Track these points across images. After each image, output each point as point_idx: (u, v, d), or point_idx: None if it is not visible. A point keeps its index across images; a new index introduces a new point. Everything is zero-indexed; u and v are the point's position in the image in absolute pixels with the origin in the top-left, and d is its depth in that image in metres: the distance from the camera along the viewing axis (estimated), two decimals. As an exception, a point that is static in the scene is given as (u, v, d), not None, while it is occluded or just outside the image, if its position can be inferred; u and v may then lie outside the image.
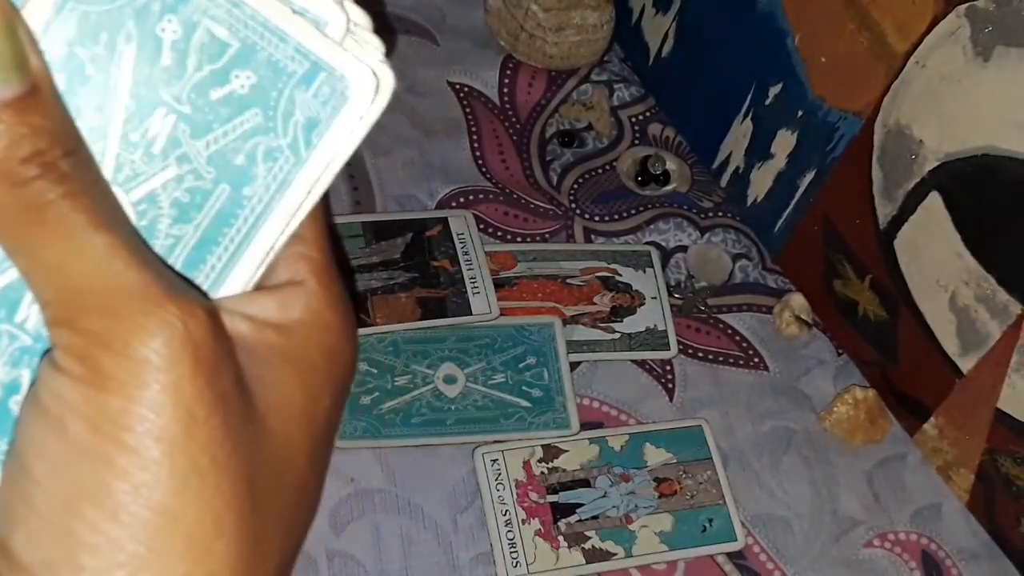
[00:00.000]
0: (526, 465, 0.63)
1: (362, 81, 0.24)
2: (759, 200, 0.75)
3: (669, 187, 0.77)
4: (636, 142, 0.79)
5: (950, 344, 0.64)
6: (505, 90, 0.79)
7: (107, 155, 0.24)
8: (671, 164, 0.78)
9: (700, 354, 0.70)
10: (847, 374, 0.71)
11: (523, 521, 0.61)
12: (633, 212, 0.76)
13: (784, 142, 0.71)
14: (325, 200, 0.26)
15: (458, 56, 0.79)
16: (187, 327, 0.22)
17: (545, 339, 0.68)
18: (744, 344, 0.72)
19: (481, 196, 0.74)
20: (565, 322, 0.69)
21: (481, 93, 0.79)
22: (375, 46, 0.25)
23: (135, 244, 0.23)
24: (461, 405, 0.65)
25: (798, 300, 0.73)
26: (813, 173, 0.69)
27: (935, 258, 0.63)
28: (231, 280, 0.26)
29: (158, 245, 0.25)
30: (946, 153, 0.60)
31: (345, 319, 0.27)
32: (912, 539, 0.66)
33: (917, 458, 0.69)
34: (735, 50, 0.73)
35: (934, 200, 0.62)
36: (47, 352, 0.23)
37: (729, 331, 0.72)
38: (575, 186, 0.76)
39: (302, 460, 0.26)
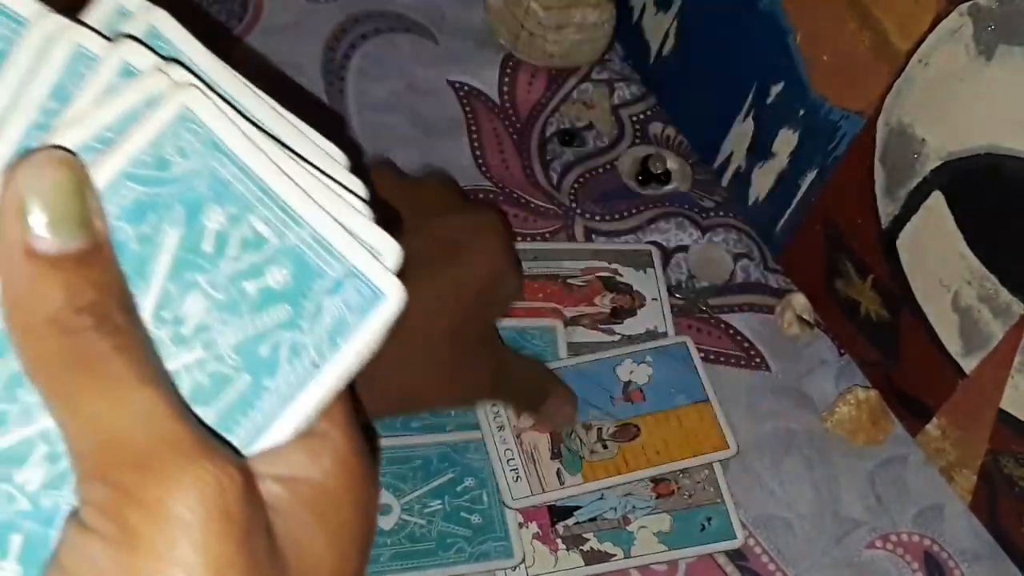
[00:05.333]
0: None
1: (392, 293, 0.26)
2: (760, 200, 0.74)
3: (670, 187, 0.77)
4: (637, 141, 0.79)
5: (953, 344, 0.64)
6: (505, 89, 0.79)
7: None
8: (672, 163, 0.77)
9: (701, 354, 0.70)
10: (849, 374, 0.71)
11: (520, 524, 0.61)
12: (634, 212, 0.75)
13: (786, 141, 0.70)
14: None
15: (458, 55, 0.79)
16: (221, 485, 0.22)
17: (547, 343, 0.67)
18: (745, 344, 0.71)
19: (481, 196, 0.74)
20: (565, 323, 0.68)
21: (481, 92, 0.78)
22: (392, 255, 0.26)
23: (175, 400, 0.23)
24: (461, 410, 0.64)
25: (800, 300, 0.72)
26: (815, 172, 0.69)
27: (938, 258, 0.63)
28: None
29: None
30: (949, 152, 0.60)
31: (371, 469, 0.27)
32: (914, 540, 0.66)
33: (919, 459, 0.69)
34: (736, 49, 0.72)
35: (937, 199, 0.62)
36: (71, 514, 0.23)
37: (730, 331, 0.72)
38: (575, 185, 0.76)
39: None
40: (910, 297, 0.65)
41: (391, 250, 0.26)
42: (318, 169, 0.26)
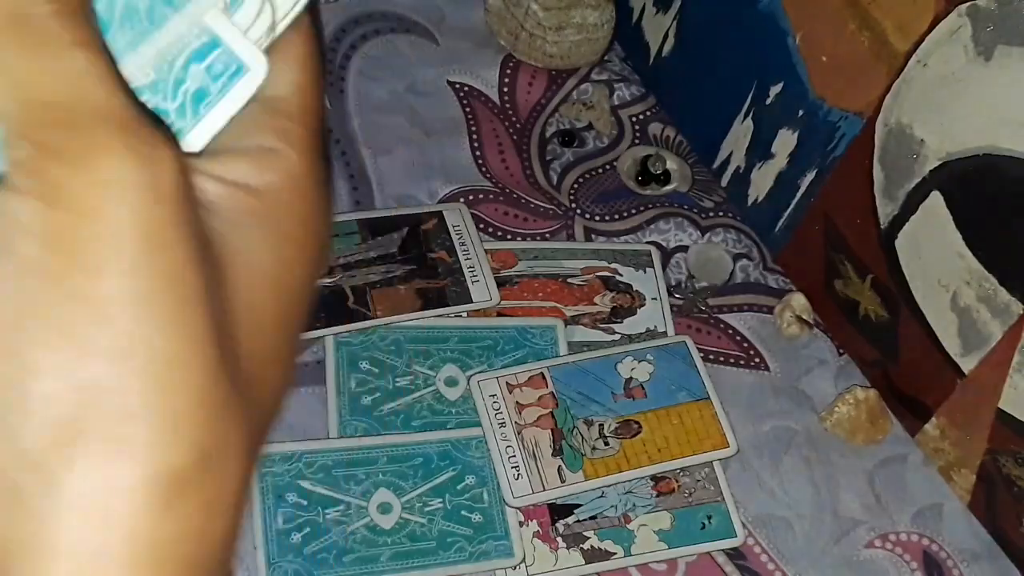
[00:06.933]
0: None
1: (256, 65, 0.25)
2: (760, 200, 0.75)
3: (670, 187, 0.77)
4: (636, 142, 0.79)
5: (951, 344, 0.64)
6: (505, 89, 0.79)
7: None
8: (671, 164, 0.77)
9: (701, 354, 0.70)
10: (848, 374, 0.71)
11: (521, 523, 0.61)
12: (633, 212, 0.76)
13: (785, 142, 0.71)
14: (319, 81, 0.26)
15: (458, 55, 0.79)
16: (153, 159, 0.20)
17: (547, 342, 0.67)
18: (745, 344, 0.72)
19: (481, 196, 0.74)
20: (566, 322, 0.69)
21: (481, 92, 0.79)
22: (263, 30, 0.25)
23: (111, 70, 0.21)
24: (462, 409, 0.64)
25: (799, 300, 0.73)
26: (814, 173, 0.69)
27: (936, 258, 0.63)
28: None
29: None
30: (947, 153, 0.60)
31: (324, 194, 0.25)
32: (913, 540, 0.66)
33: (918, 458, 0.69)
34: (736, 49, 0.72)
35: (935, 200, 0.62)
36: None
37: (730, 331, 0.72)
38: (575, 186, 0.76)
39: (271, 328, 0.24)
40: (909, 297, 0.66)
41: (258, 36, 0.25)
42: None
